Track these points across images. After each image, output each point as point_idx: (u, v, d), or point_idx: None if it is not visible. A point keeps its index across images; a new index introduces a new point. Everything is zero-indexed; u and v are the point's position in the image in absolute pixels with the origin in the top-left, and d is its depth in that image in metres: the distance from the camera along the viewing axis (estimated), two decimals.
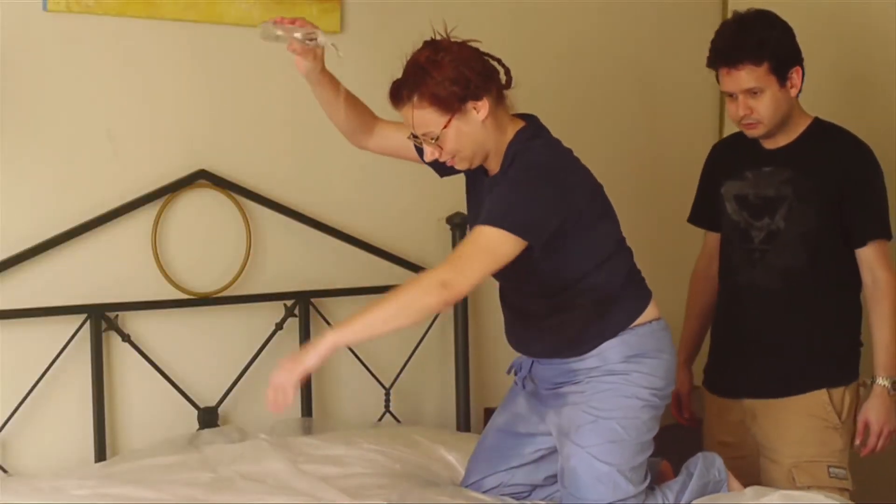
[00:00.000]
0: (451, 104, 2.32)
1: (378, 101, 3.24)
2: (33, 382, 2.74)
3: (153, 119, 2.92)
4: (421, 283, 2.25)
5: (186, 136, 2.96)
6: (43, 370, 2.75)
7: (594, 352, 2.42)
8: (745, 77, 2.63)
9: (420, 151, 2.50)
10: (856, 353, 2.80)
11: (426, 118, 2.34)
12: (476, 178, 2.51)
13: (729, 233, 2.85)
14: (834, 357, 2.76)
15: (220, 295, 2.99)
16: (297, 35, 2.37)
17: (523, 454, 2.58)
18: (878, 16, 3.53)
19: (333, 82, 2.53)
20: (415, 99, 2.34)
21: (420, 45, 2.42)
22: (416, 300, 2.24)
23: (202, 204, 2.99)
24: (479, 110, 2.35)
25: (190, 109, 2.97)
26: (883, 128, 3.42)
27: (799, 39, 2.72)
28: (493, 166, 2.45)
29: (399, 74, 3.30)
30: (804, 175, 2.70)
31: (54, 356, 2.76)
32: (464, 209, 3.35)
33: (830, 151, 2.71)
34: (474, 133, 2.37)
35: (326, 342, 2.22)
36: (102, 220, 2.82)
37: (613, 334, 2.43)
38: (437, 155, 2.39)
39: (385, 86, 3.25)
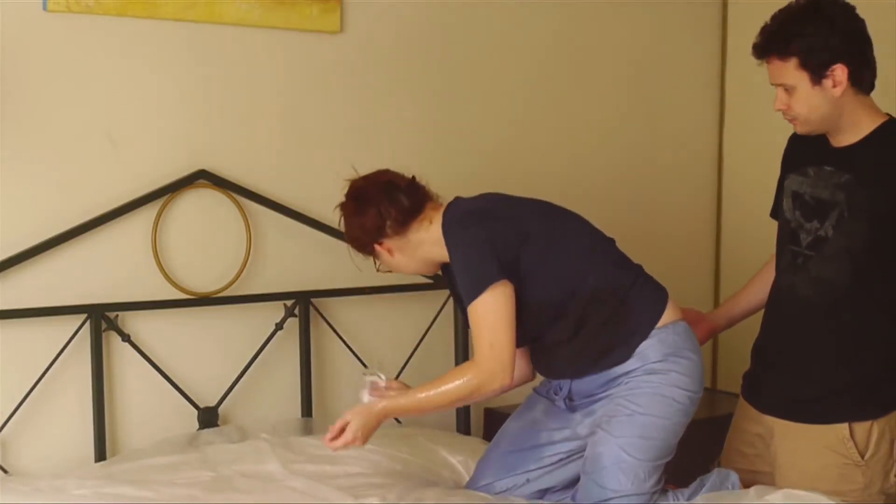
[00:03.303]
0: (362, 250, 2.59)
1: (377, 100, 3.26)
2: (33, 382, 2.74)
3: (153, 119, 2.92)
4: (483, 382, 2.37)
5: (186, 136, 2.96)
6: (43, 370, 2.75)
7: (635, 353, 2.44)
8: (774, 71, 2.45)
9: None
10: (891, 383, 2.53)
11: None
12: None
13: (781, 231, 2.64)
14: (863, 387, 2.52)
15: (220, 295, 2.99)
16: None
17: (542, 457, 2.58)
18: None
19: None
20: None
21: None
22: (466, 398, 2.42)
23: (202, 204, 2.99)
24: (387, 248, 2.55)
25: (190, 109, 2.97)
26: None
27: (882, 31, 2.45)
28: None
29: (398, 74, 3.32)
30: (861, 182, 2.44)
31: (54, 356, 2.76)
32: None
33: (892, 155, 2.45)
34: (392, 258, 2.57)
35: (382, 416, 2.44)
36: (102, 220, 2.82)
37: (646, 333, 2.44)
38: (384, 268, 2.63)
39: (384, 87, 3.27)
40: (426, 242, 2.52)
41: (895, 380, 2.55)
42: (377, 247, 2.55)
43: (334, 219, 3.14)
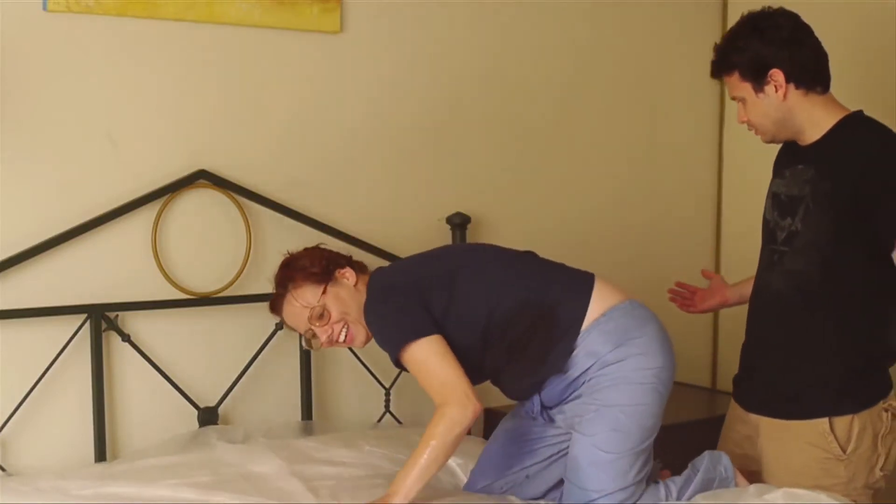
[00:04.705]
0: (323, 276, 2.57)
1: (377, 100, 3.26)
2: (33, 382, 2.74)
3: (153, 119, 2.92)
4: (455, 421, 2.34)
5: (186, 136, 2.96)
6: (43, 370, 2.75)
7: (576, 354, 2.45)
8: (728, 87, 2.65)
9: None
10: (874, 376, 2.59)
11: (305, 297, 2.57)
12: None
13: (763, 232, 2.73)
14: (840, 382, 2.57)
15: (220, 295, 2.99)
16: None
17: (535, 451, 2.59)
18: None
19: None
20: (290, 288, 2.58)
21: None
22: (454, 439, 2.35)
23: (202, 204, 2.99)
24: (347, 276, 2.60)
25: (190, 109, 2.97)
26: None
27: (839, 37, 2.58)
28: None
29: (398, 75, 3.32)
30: (823, 174, 2.54)
31: (54, 356, 2.76)
32: (464, 209, 3.37)
33: (852, 147, 2.54)
34: (351, 294, 2.58)
35: None
36: (102, 220, 2.82)
37: (574, 338, 2.45)
38: (328, 332, 2.56)
39: (384, 86, 3.28)
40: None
41: (872, 373, 2.60)
42: (338, 273, 2.58)
43: (335, 218, 3.17)
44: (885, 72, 3.47)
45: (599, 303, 2.48)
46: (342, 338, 2.57)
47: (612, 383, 2.43)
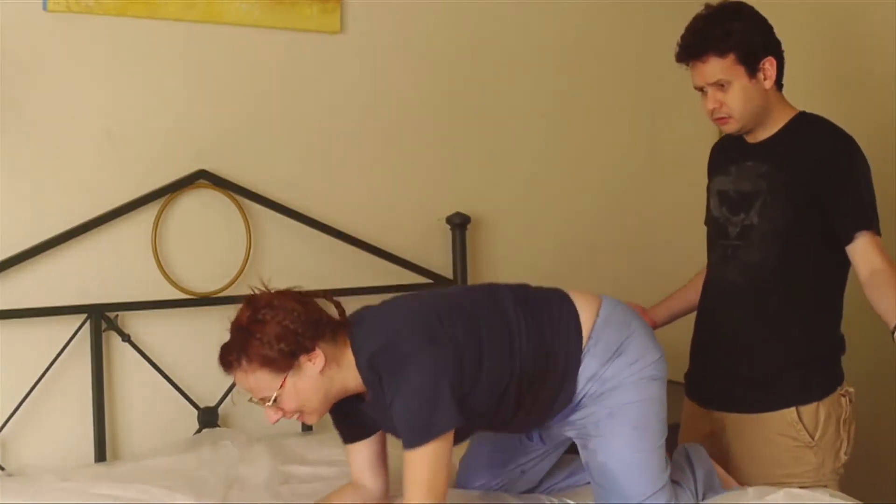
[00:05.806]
0: (284, 363, 2.13)
1: (377, 100, 3.26)
2: (33, 382, 2.74)
3: (153, 119, 2.92)
4: None
5: (186, 136, 2.96)
6: (43, 370, 2.75)
7: (581, 380, 2.33)
8: (710, 69, 2.55)
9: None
10: (831, 364, 2.64)
11: (260, 382, 2.14)
12: (351, 408, 2.31)
13: (711, 230, 2.76)
14: (804, 370, 2.60)
15: (220, 295, 2.99)
16: None
17: (529, 450, 2.56)
18: (873, 14, 3.47)
19: None
20: (244, 363, 2.14)
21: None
22: None
23: (202, 204, 2.99)
24: (315, 361, 2.15)
25: (190, 109, 2.97)
26: (877, 127, 3.38)
27: (790, 37, 2.65)
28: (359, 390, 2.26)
29: (398, 75, 3.32)
30: (778, 168, 2.58)
31: (54, 356, 2.76)
32: (464, 209, 3.37)
33: (806, 144, 2.58)
34: (314, 385, 2.16)
35: None
36: (102, 220, 2.82)
37: (576, 366, 2.31)
38: (279, 416, 2.18)
39: (384, 86, 3.28)
40: (352, 367, 2.20)
41: (830, 362, 2.64)
42: (303, 358, 2.13)
43: (334, 218, 3.17)
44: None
45: (584, 318, 2.36)
46: (293, 419, 2.24)
47: (618, 386, 2.34)
